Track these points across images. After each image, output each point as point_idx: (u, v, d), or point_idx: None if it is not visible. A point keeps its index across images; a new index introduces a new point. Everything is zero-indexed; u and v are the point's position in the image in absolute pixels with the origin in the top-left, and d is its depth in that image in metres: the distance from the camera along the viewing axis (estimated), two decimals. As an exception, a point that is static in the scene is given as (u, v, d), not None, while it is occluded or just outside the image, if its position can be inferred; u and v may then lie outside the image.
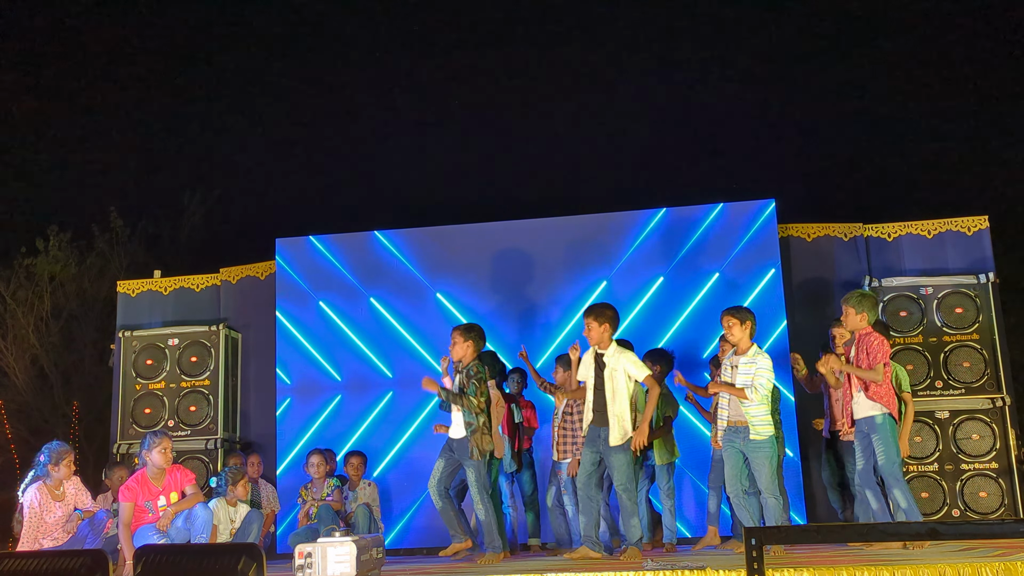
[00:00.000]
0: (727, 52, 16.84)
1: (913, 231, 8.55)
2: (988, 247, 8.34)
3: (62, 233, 14.60)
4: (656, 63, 17.22)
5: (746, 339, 6.19)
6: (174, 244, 15.86)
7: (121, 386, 9.08)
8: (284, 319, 8.87)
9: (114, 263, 14.82)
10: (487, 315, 8.41)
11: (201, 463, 8.73)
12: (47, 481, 6.75)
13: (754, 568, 3.42)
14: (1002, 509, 7.72)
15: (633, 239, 8.64)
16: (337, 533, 5.06)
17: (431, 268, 8.86)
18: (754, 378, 6.04)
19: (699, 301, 8.45)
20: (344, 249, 8.99)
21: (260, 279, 9.34)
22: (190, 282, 9.53)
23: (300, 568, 4.84)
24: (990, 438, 7.85)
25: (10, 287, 14.14)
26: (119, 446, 8.92)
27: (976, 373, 7.97)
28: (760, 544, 3.46)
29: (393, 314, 8.81)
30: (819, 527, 3.88)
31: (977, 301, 8.08)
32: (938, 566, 4.27)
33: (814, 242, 8.69)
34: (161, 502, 6.49)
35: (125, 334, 9.19)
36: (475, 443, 6.36)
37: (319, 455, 7.84)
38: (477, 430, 6.39)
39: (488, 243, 8.86)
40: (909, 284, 8.20)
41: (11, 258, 14.38)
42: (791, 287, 8.51)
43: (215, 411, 8.91)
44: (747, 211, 8.54)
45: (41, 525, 6.64)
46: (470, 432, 6.38)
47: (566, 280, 8.65)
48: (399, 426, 8.65)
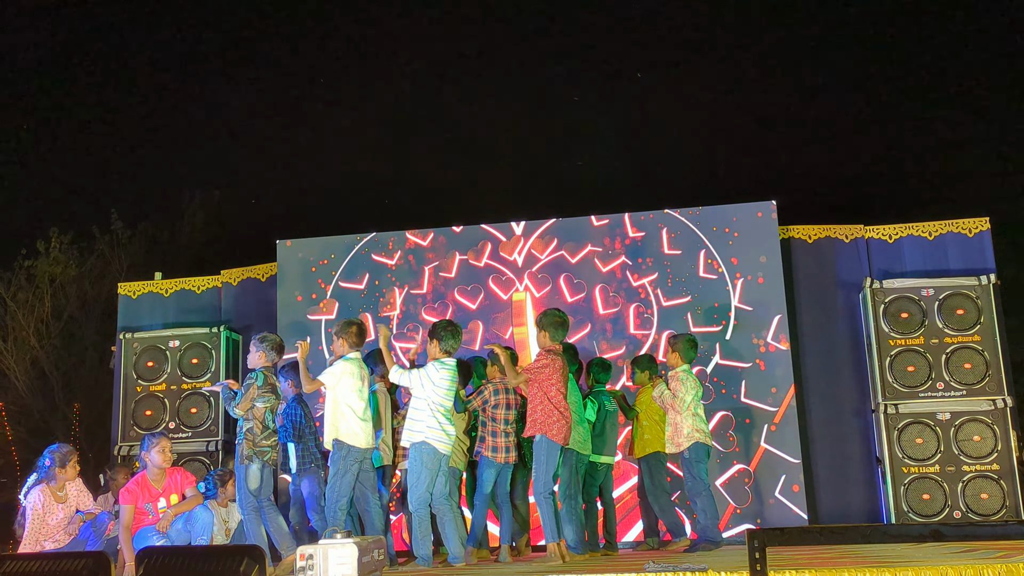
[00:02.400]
0: (727, 52, 16.86)
1: (914, 232, 8.55)
2: (989, 248, 8.35)
3: (63, 235, 14.62)
4: (655, 63, 17.24)
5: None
6: (175, 246, 15.87)
7: (122, 388, 9.08)
8: (285, 321, 8.86)
9: (115, 265, 14.84)
10: (482, 313, 8.39)
11: (202, 465, 8.73)
12: (50, 483, 6.77)
13: (756, 569, 3.42)
14: (1003, 510, 7.71)
15: (633, 240, 8.63)
16: (339, 534, 5.04)
17: (432, 269, 8.85)
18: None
19: (699, 302, 8.44)
20: (345, 250, 8.98)
21: (261, 281, 9.34)
22: (191, 284, 9.54)
23: (302, 570, 4.83)
24: (991, 440, 7.85)
25: (11, 289, 14.16)
26: (120, 448, 8.92)
27: (977, 375, 7.97)
28: (763, 545, 3.46)
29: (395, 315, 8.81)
30: (822, 528, 3.88)
31: (978, 303, 8.08)
32: (940, 567, 4.26)
33: (815, 244, 8.69)
34: (161, 504, 6.49)
35: (126, 336, 9.18)
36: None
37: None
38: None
39: (487, 243, 8.85)
40: (910, 286, 8.20)
41: (12, 260, 14.40)
42: (792, 289, 8.51)
43: (216, 413, 8.91)
44: (748, 212, 8.53)
45: (43, 527, 6.65)
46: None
47: (564, 281, 8.64)
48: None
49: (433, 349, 6.19)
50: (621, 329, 8.49)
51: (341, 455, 6.01)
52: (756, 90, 16.69)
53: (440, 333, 6.17)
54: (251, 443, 6.04)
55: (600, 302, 8.56)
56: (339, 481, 5.98)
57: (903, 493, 7.85)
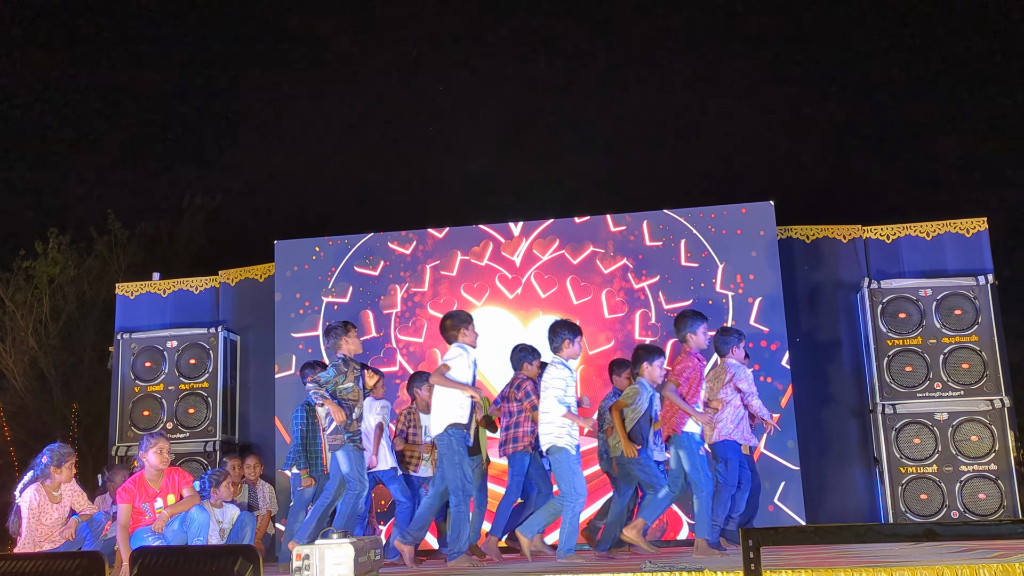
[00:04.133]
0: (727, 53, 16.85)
1: (912, 233, 8.55)
2: (987, 249, 8.35)
3: (61, 236, 14.61)
4: (655, 64, 17.24)
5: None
6: (173, 246, 15.86)
7: (120, 388, 9.08)
8: (283, 321, 8.85)
9: (113, 265, 14.82)
10: (479, 313, 8.39)
11: (200, 465, 8.72)
12: (45, 482, 6.74)
13: (751, 569, 3.41)
14: (1001, 511, 7.71)
15: (632, 241, 8.63)
16: (335, 535, 5.04)
17: (431, 269, 8.85)
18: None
19: (698, 302, 8.43)
20: (343, 252, 8.99)
21: (259, 281, 9.34)
22: (189, 284, 9.54)
23: (298, 570, 4.83)
24: (989, 440, 7.85)
25: (9, 289, 14.14)
26: (118, 448, 8.92)
27: (975, 375, 7.97)
28: (758, 545, 3.45)
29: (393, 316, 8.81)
30: (816, 528, 3.88)
31: (976, 303, 8.08)
32: (936, 567, 4.25)
33: (813, 244, 8.69)
34: (158, 504, 6.48)
35: (124, 336, 9.18)
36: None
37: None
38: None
39: (487, 244, 8.85)
40: (908, 286, 8.21)
41: (10, 261, 14.39)
42: (790, 289, 8.51)
43: (214, 413, 8.91)
44: (746, 213, 8.53)
45: (39, 527, 6.63)
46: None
47: (563, 282, 8.64)
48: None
49: (569, 350, 6.32)
50: (629, 333, 8.49)
51: (455, 440, 6.10)
52: (755, 90, 16.69)
53: (570, 335, 6.32)
54: (343, 429, 6.22)
55: (606, 305, 8.57)
56: (463, 467, 6.11)
57: (900, 493, 7.85)
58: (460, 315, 6.46)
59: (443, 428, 6.13)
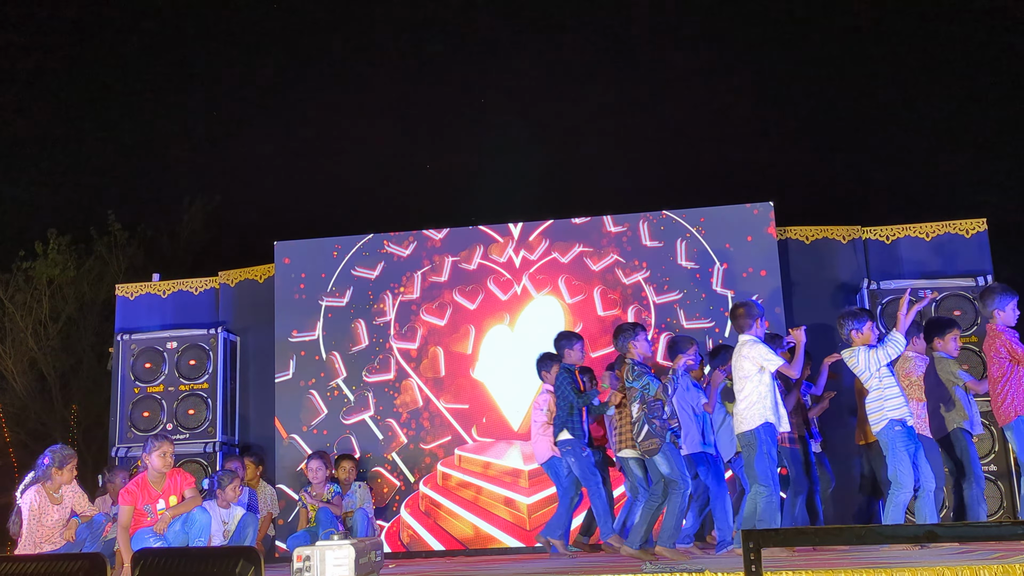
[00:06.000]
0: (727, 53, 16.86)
1: (912, 234, 8.55)
2: (986, 250, 8.35)
3: (61, 237, 14.62)
4: (654, 64, 17.24)
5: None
6: (173, 247, 15.87)
7: (119, 389, 9.08)
8: (282, 322, 8.85)
9: (113, 266, 14.84)
10: (479, 313, 8.40)
11: (200, 466, 8.72)
12: (46, 483, 6.74)
13: (752, 571, 3.41)
14: (1001, 512, 7.71)
15: (632, 241, 8.63)
16: (336, 536, 5.05)
17: (430, 270, 8.85)
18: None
19: (697, 303, 8.44)
20: (343, 252, 8.99)
21: (259, 282, 9.34)
22: (188, 285, 9.54)
23: (299, 571, 4.83)
24: (989, 441, 7.85)
25: (9, 291, 14.15)
26: (118, 449, 8.92)
27: (975, 375, 7.94)
28: (758, 546, 3.45)
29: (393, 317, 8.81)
30: (816, 529, 3.88)
31: (975, 304, 8.08)
32: (936, 568, 4.25)
33: (812, 244, 8.69)
34: (160, 506, 6.48)
35: (124, 337, 9.18)
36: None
37: (318, 459, 7.83)
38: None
39: (486, 244, 8.85)
40: (908, 287, 8.19)
41: (10, 262, 14.39)
42: (790, 290, 8.51)
43: (213, 414, 8.91)
44: (745, 213, 8.53)
45: (40, 528, 6.63)
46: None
47: (562, 283, 8.65)
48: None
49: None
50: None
51: (767, 438, 5.95)
52: (754, 91, 16.70)
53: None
54: (659, 427, 6.10)
55: (600, 303, 8.58)
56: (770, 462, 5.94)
57: (901, 494, 7.83)
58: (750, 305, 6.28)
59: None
